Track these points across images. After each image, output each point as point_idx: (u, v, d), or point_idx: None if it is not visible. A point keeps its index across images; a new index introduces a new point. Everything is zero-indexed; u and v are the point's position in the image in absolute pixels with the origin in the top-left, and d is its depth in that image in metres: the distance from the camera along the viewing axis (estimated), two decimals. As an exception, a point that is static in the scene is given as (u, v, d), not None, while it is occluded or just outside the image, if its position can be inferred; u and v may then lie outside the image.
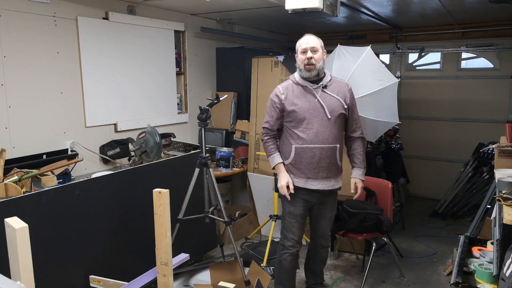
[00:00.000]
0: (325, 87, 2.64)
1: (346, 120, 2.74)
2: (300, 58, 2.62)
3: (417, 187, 5.71)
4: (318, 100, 2.61)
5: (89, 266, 2.49)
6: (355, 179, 2.76)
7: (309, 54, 2.57)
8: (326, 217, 2.82)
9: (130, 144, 3.57)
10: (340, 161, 2.72)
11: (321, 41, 2.67)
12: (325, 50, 2.67)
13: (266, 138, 2.76)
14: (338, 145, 2.66)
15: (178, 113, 4.40)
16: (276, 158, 2.71)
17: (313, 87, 2.63)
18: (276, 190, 2.89)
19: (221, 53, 4.79)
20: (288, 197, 2.64)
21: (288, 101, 2.64)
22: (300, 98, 2.63)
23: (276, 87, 2.74)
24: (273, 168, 2.76)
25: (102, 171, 3.30)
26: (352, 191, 2.76)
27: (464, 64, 5.44)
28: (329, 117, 2.60)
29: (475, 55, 5.34)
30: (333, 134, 2.63)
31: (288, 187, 2.63)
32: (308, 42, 2.61)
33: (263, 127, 2.78)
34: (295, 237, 2.75)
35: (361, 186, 2.75)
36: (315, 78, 2.62)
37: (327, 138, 2.61)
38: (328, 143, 2.61)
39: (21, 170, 2.68)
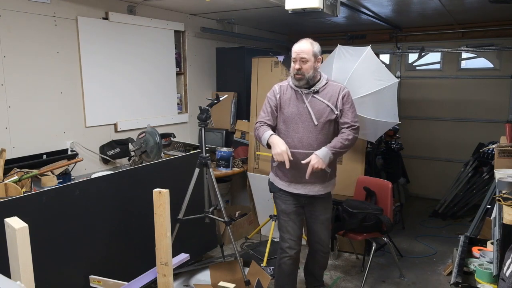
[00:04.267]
0: (316, 92, 2.61)
1: (337, 121, 2.66)
2: (292, 65, 2.60)
3: (417, 187, 5.71)
4: (306, 105, 2.60)
5: (89, 266, 2.49)
6: (314, 154, 2.52)
7: (297, 65, 2.55)
8: (319, 220, 2.78)
9: (130, 144, 3.57)
10: (327, 167, 2.62)
11: (317, 46, 2.59)
12: (320, 57, 2.60)
13: (258, 125, 2.68)
14: None
15: (178, 113, 4.40)
16: (268, 132, 2.59)
17: (304, 92, 2.62)
18: (271, 190, 2.82)
19: (221, 53, 4.79)
20: (288, 163, 2.45)
21: (281, 101, 2.67)
22: (291, 101, 2.64)
23: (274, 86, 2.75)
24: (267, 145, 2.57)
25: (102, 171, 3.30)
26: (306, 160, 2.55)
27: (464, 64, 5.44)
28: (316, 123, 2.58)
29: (475, 55, 5.34)
30: (319, 140, 2.60)
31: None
32: (299, 51, 2.55)
33: (256, 122, 2.73)
34: (291, 236, 2.72)
35: (313, 162, 2.49)
36: (305, 86, 2.60)
37: (312, 144, 2.59)
38: (313, 149, 2.57)
39: (21, 170, 2.68)
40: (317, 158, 2.51)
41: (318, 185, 2.67)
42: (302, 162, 2.55)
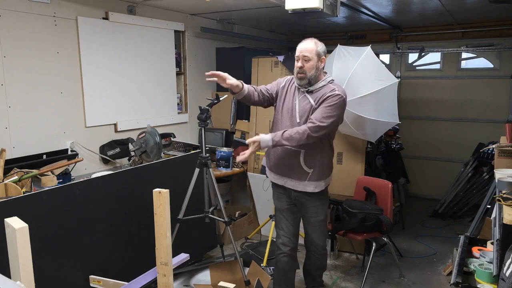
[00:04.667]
0: (310, 92, 2.60)
1: None
2: (295, 64, 2.60)
3: (417, 187, 5.71)
4: (296, 102, 2.64)
5: (89, 266, 2.49)
6: (259, 136, 2.50)
7: (299, 63, 2.55)
8: (310, 222, 2.77)
9: (130, 144, 3.57)
10: (307, 167, 2.62)
11: (321, 46, 2.56)
12: (323, 57, 2.58)
13: None
14: (303, 150, 2.59)
15: (178, 113, 4.40)
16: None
17: (301, 89, 2.64)
18: (261, 172, 2.98)
19: (221, 53, 4.79)
20: (210, 77, 2.53)
21: (281, 91, 2.73)
22: (289, 95, 2.69)
23: (287, 76, 2.81)
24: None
25: (102, 171, 3.30)
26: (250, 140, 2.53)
27: (464, 64, 5.44)
28: (298, 121, 2.60)
29: (475, 55, 5.34)
30: None
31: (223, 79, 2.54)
32: (302, 49, 2.54)
33: None
34: (285, 233, 2.77)
35: (251, 145, 2.49)
36: (306, 86, 2.60)
37: None
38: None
39: (21, 170, 2.68)
40: (256, 144, 2.49)
41: (295, 180, 2.68)
42: (246, 141, 2.57)
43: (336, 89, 2.56)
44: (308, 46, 2.54)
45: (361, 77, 3.20)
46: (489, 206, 3.50)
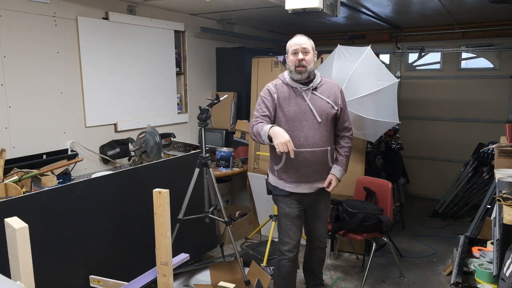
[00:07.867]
0: (315, 89, 2.59)
1: (336, 120, 2.70)
2: (291, 59, 2.56)
3: (417, 187, 5.70)
4: (307, 103, 2.56)
5: (89, 266, 2.49)
6: (332, 176, 2.67)
7: (300, 55, 2.52)
8: (321, 217, 2.80)
9: (130, 144, 3.57)
10: (331, 162, 2.69)
11: (312, 42, 2.61)
12: (315, 52, 2.62)
13: (254, 122, 2.56)
14: (329, 148, 2.62)
15: (178, 113, 4.40)
16: (267, 125, 2.44)
17: (303, 89, 2.58)
18: (269, 193, 2.80)
19: (221, 53, 4.79)
20: (292, 152, 2.35)
21: (278, 101, 2.59)
22: (290, 100, 2.57)
23: (267, 85, 2.66)
24: (269, 138, 2.40)
25: (102, 171, 3.30)
26: (325, 185, 2.66)
27: (464, 64, 5.44)
28: (319, 120, 2.57)
29: (475, 55, 5.34)
30: (324, 136, 2.59)
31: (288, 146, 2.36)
32: (299, 42, 2.54)
33: (253, 119, 2.61)
34: (292, 241, 2.70)
35: (335, 184, 2.68)
36: (306, 80, 2.58)
37: (318, 142, 2.57)
38: (319, 147, 2.58)
39: (21, 170, 2.68)
40: (336, 180, 2.69)
41: (323, 181, 2.68)
42: (327, 189, 2.69)
43: (335, 82, 2.73)
44: (305, 40, 2.58)
45: (361, 77, 3.20)
46: (489, 206, 3.50)
